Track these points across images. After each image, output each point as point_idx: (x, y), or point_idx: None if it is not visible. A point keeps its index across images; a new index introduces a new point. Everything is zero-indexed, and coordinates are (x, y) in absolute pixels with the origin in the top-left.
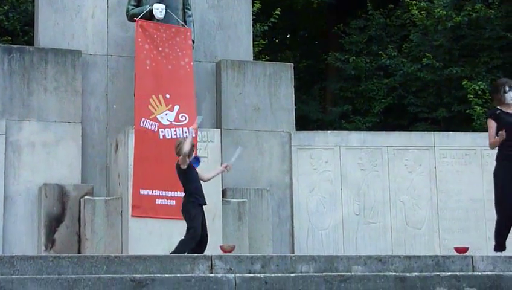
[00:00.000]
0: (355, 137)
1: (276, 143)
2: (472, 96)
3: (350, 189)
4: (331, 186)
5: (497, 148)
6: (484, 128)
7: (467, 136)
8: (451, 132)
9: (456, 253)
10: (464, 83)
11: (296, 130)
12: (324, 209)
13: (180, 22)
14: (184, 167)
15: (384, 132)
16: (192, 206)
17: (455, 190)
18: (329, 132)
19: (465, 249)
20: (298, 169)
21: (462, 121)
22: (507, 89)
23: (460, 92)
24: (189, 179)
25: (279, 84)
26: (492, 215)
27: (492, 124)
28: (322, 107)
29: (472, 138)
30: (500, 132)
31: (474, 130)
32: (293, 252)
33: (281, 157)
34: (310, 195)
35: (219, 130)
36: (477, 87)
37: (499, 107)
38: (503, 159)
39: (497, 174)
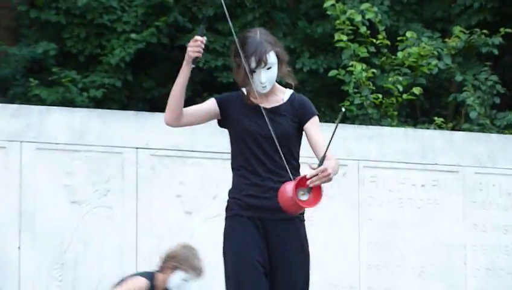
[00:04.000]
0: None
1: None
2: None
3: None
4: None
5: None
6: None
7: None
8: None
9: None
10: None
11: None
12: None
13: None
14: None
15: None
16: None
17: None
18: None
19: None
20: None
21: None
22: (255, 63)
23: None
24: None
25: None
26: None
27: (206, 102)
28: None
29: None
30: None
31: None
32: None
33: None
34: None
35: None
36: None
37: (245, 91)
38: (238, 212)
39: (227, 243)
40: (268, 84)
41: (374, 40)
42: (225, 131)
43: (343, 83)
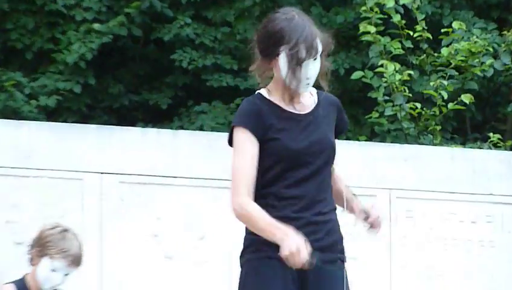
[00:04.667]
0: None
1: None
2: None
3: None
4: None
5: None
6: None
7: None
8: None
9: None
10: None
11: None
12: None
13: None
14: None
15: None
16: None
17: None
18: None
19: None
20: None
21: None
22: (305, 52)
23: None
24: None
25: None
26: None
27: (247, 146)
28: None
29: None
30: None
31: None
32: None
33: None
34: None
35: None
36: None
37: (266, 94)
38: (267, 254)
39: None
40: (313, 79)
41: (411, 33)
42: (216, 152)
43: (371, 89)
